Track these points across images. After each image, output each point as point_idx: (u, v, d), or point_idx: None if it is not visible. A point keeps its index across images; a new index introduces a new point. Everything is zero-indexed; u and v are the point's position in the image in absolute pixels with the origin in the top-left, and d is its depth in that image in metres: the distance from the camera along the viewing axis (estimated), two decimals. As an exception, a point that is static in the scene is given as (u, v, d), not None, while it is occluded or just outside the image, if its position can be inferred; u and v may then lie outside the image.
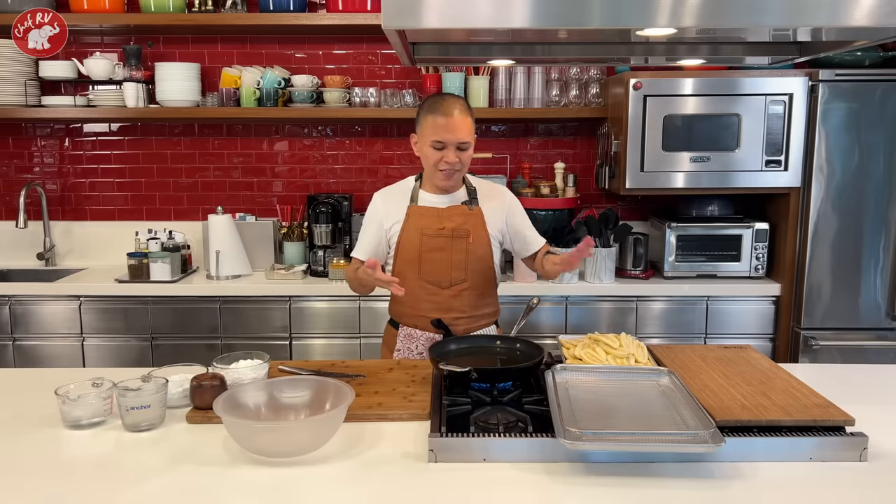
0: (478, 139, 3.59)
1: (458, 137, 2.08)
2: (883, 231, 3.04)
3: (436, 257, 2.18)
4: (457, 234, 2.17)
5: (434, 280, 2.19)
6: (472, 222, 2.19)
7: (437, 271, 2.19)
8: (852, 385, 1.93)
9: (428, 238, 2.17)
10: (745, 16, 1.37)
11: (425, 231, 2.17)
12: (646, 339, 2.48)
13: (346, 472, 1.43)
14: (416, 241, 2.18)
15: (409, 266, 2.20)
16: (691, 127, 3.06)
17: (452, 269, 2.19)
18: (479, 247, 2.20)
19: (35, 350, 3.17)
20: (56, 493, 1.36)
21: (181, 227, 3.53)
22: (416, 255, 2.18)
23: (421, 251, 2.18)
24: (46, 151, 3.64)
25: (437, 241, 2.17)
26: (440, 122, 2.07)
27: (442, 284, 2.19)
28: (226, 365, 1.81)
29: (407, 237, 2.18)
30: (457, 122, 2.07)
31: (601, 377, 1.74)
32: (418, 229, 2.17)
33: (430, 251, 2.18)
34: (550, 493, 1.35)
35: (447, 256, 2.18)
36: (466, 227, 2.18)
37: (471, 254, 2.19)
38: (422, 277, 2.19)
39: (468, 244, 2.18)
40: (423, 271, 2.19)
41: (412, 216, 2.19)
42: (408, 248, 2.19)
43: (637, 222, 3.59)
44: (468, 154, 2.13)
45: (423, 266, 2.19)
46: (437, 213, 2.18)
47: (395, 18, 1.38)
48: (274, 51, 3.56)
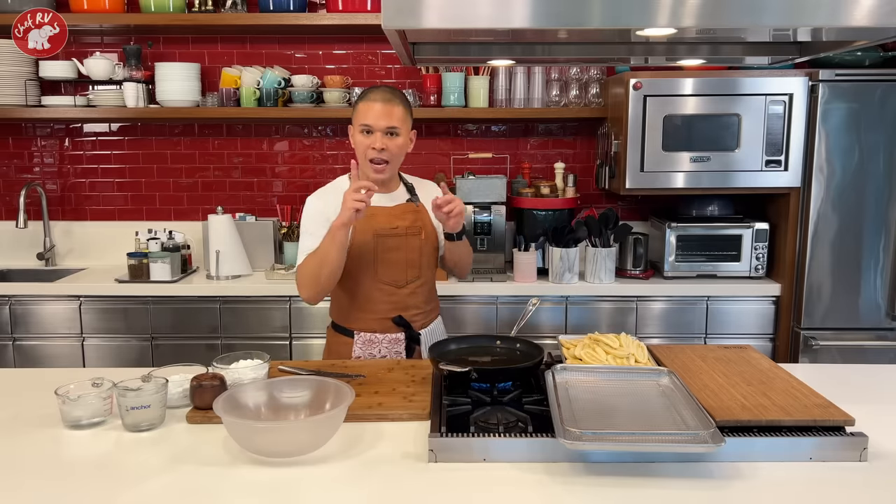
0: (478, 139, 3.64)
1: (385, 123, 2.04)
2: (883, 231, 3.04)
3: (392, 257, 2.13)
4: (410, 231, 2.15)
5: (391, 280, 2.15)
6: (422, 219, 2.18)
7: (393, 271, 2.15)
8: (852, 385, 1.93)
9: (382, 238, 2.12)
10: (745, 16, 1.37)
11: (379, 231, 2.12)
12: (646, 339, 2.48)
13: (346, 472, 1.43)
14: (371, 243, 2.11)
15: (363, 269, 2.13)
16: (691, 127, 3.06)
17: (409, 267, 2.16)
18: (430, 242, 2.19)
19: (35, 350, 3.17)
20: (56, 493, 1.36)
21: (181, 227, 3.53)
22: (371, 257, 2.12)
23: (376, 252, 2.12)
24: (46, 151, 3.64)
25: (393, 241, 2.13)
26: (368, 106, 2.05)
27: (398, 284, 2.16)
28: (226, 365, 1.81)
29: (360, 239, 2.11)
30: (385, 107, 2.04)
31: (601, 377, 1.74)
32: (371, 230, 2.11)
33: (385, 251, 2.13)
34: (550, 493, 1.35)
35: (403, 255, 2.14)
36: (418, 224, 2.17)
37: (424, 250, 2.18)
38: (378, 279, 2.14)
39: (421, 241, 2.17)
40: (380, 273, 2.14)
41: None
42: (362, 251, 2.12)
43: (637, 222, 3.59)
44: (398, 143, 2.08)
45: (380, 267, 2.13)
46: (388, 213, 2.14)
47: (395, 18, 1.38)
48: (274, 51, 3.56)
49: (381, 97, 2.06)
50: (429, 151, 3.64)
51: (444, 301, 3.12)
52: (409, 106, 2.13)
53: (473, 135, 3.65)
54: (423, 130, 3.62)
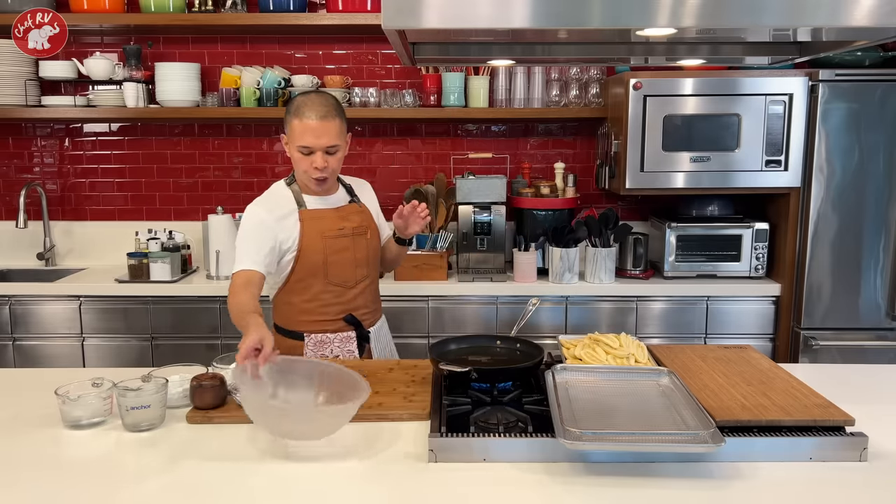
0: (478, 139, 3.64)
1: (325, 142, 2.02)
2: (883, 231, 3.04)
3: (341, 258, 2.14)
4: (357, 231, 2.18)
5: (340, 281, 2.15)
6: (366, 218, 2.22)
7: (342, 272, 2.15)
8: (852, 385, 1.93)
9: (330, 240, 2.12)
10: (745, 16, 1.37)
11: (326, 234, 2.12)
12: (646, 339, 2.48)
13: (346, 471, 1.43)
14: (319, 246, 2.11)
15: (313, 272, 2.12)
16: (691, 127, 3.06)
17: (357, 267, 2.18)
18: (375, 240, 2.24)
19: (35, 350, 3.17)
20: (56, 493, 1.36)
21: (181, 227, 3.53)
22: (320, 260, 2.11)
23: (326, 254, 2.11)
24: (46, 151, 3.64)
25: (341, 242, 2.14)
26: (305, 125, 2.00)
27: (348, 284, 2.17)
28: (226, 365, 1.81)
29: (308, 243, 2.10)
30: (322, 125, 2.00)
31: (601, 377, 1.74)
32: (319, 233, 2.11)
33: (334, 253, 2.13)
34: (550, 493, 1.35)
35: (351, 255, 2.16)
36: (364, 224, 2.20)
37: (370, 249, 2.21)
38: (328, 281, 2.14)
39: (367, 241, 2.20)
40: (330, 274, 2.13)
41: (307, 221, 2.11)
42: (311, 254, 2.10)
43: (637, 222, 3.59)
44: (338, 157, 2.08)
45: (330, 269, 2.13)
46: (334, 215, 2.15)
47: (395, 18, 1.38)
48: (274, 51, 3.56)
49: (317, 114, 2.00)
50: (429, 151, 3.64)
51: (445, 301, 3.14)
52: (342, 113, 2.08)
53: (473, 135, 3.65)
54: (423, 130, 3.63)
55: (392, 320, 2.89)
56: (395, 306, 3.10)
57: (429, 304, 3.15)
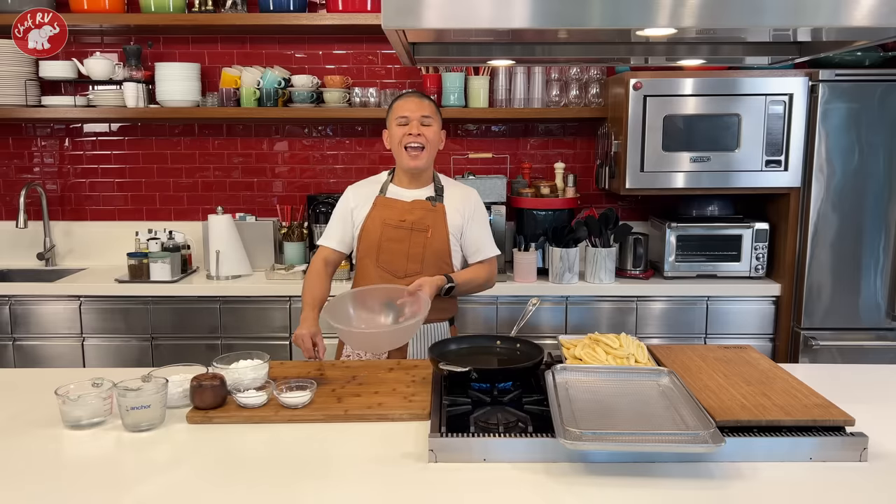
0: (478, 139, 3.63)
1: (420, 111, 2.22)
2: (883, 231, 3.04)
3: (394, 248, 2.26)
4: (416, 227, 2.25)
5: (389, 268, 2.27)
6: (433, 218, 2.26)
7: (393, 261, 2.26)
8: (852, 385, 1.93)
9: (389, 228, 2.26)
10: (745, 16, 1.37)
11: (387, 221, 2.27)
12: (646, 339, 2.48)
13: (346, 471, 1.43)
14: (378, 231, 2.27)
15: (367, 253, 2.29)
16: (691, 127, 3.06)
17: (409, 260, 2.25)
18: (438, 242, 2.26)
19: (35, 350, 3.17)
20: (56, 494, 1.36)
21: (181, 227, 3.53)
22: (375, 244, 2.27)
23: (381, 240, 2.26)
24: (46, 151, 3.64)
25: (397, 233, 2.26)
26: (403, 103, 2.26)
27: (397, 273, 2.26)
28: (226, 365, 1.81)
29: (370, 225, 2.28)
30: (419, 101, 2.25)
31: (601, 377, 1.74)
32: (381, 219, 2.27)
33: (388, 241, 2.26)
34: (550, 493, 1.35)
35: (404, 248, 2.25)
36: (426, 222, 2.26)
37: (428, 248, 2.25)
38: (379, 265, 2.27)
39: (426, 238, 2.25)
40: (381, 260, 2.27)
41: (378, 206, 2.30)
42: (369, 237, 2.28)
43: (637, 222, 3.59)
44: (433, 131, 2.24)
45: (381, 255, 2.27)
46: (401, 206, 2.28)
47: (395, 18, 1.38)
48: (274, 51, 3.56)
49: (415, 94, 2.29)
50: (429, 151, 3.64)
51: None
52: (438, 108, 2.31)
53: (473, 135, 3.65)
54: (423, 130, 3.62)
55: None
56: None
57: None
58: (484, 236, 2.35)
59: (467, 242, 2.33)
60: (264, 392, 1.72)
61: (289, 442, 1.57)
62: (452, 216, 2.28)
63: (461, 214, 2.30)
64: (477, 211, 2.34)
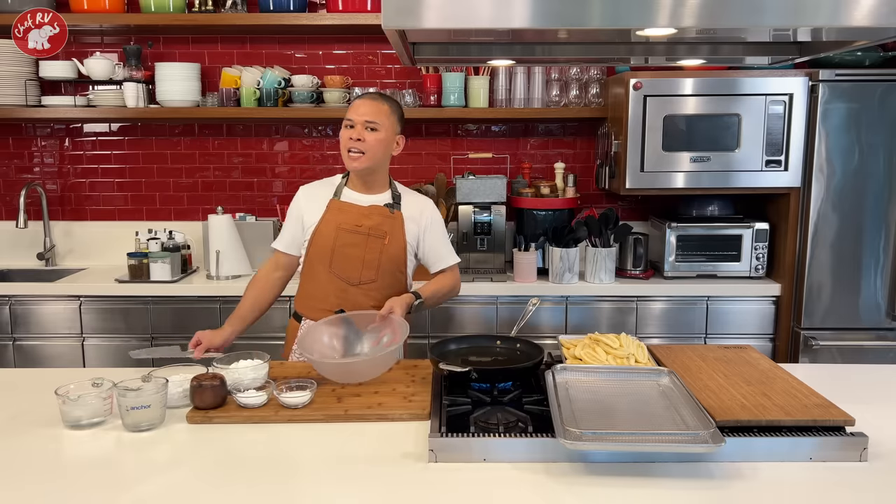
0: (478, 139, 3.63)
1: (365, 114, 2.15)
2: (883, 231, 3.04)
3: (348, 253, 2.19)
4: (373, 233, 2.19)
5: (343, 276, 2.20)
6: (391, 225, 2.21)
7: (346, 268, 2.20)
8: (852, 385, 1.93)
9: (344, 233, 2.19)
10: (745, 16, 1.37)
11: (342, 226, 2.19)
12: (646, 339, 2.48)
13: (347, 472, 1.43)
14: (332, 235, 2.20)
15: (319, 259, 2.22)
16: (691, 127, 3.06)
17: (364, 267, 2.20)
18: (394, 249, 2.21)
19: (35, 350, 3.17)
20: (56, 494, 1.36)
21: (181, 227, 3.53)
22: (328, 249, 2.20)
23: (335, 245, 2.19)
24: (46, 151, 3.64)
25: (353, 238, 2.19)
26: (355, 104, 2.19)
27: (351, 281, 2.20)
28: (226, 365, 1.81)
29: (323, 230, 2.21)
30: (370, 104, 2.17)
31: (601, 377, 1.74)
32: (335, 224, 2.20)
33: (343, 246, 2.19)
34: (550, 493, 1.35)
35: (360, 254, 2.19)
36: (384, 229, 2.20)
37: (384, 254, 2.20)
38: (332, 272, 2.20)
39: (383, 245, 2.20)
40: (334, 266, 2.20)
41: (332, 210, 2.23)
42: (322, 242, 2.21)
43: (637, 222, 3.59)
44: (376, 137, 2.16)
45: (335, 261, 2.20)
46: (357, 211, 2.21)
47: (395, 18, 1.38)
48: (274, 51, 3.56)
49: (370, 96, 2.21)
50: (429, 151, 3.64)
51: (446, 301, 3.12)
52: (398, 110, 2.23)
53: (473, 135, 3.65)
54: (424, 130, 3.63)
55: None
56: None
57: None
58: (443, 245, 2.31)
59: (427, 253, 2.29)
60: (264, 392, 1.72)
61: (289, 442, 1.57)
62: (409, 225, 2.24)
63: (417, 224, 2.26)
64: (434, 221, 2.29)
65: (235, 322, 2.22)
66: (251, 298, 2.27)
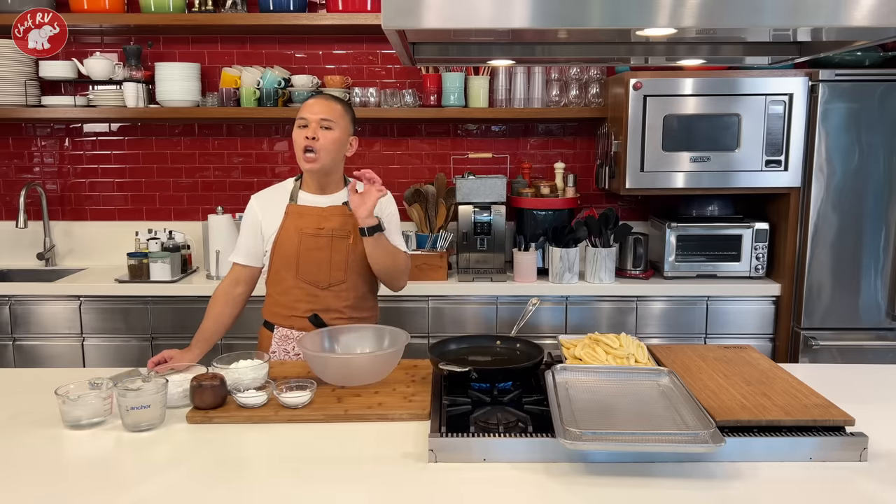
0: (478, 139, 3.63)
1: (319, 113, 2.11)
2: (883, 231, 3.04)
3: (314, 257, 2.15)
4: (337, 234, 2.16)
5: (312, 280, 2.16)
6: (353, 223, 2.14)
7: (315, 272, 2.16)
8: (852, 385, 1.93)
9: (307, 238, 2.15)
10: (745, 16, 1.37)
11: (304, 231, 2.15)
12: (646, 339, 2.48)
13: (347, 471, 1.43)
14: (295, 241, 2.15)
15: (286, 266, 2.17)
16: (691, 127, 3.06)
17: (332, 269, 2.16)
18: (361, 247, 2.15)
19: (35, 350, 3.17)
20: (56, 494, 1.36)
21: (181, 227, 3.53)
22: (294, 255, 2.15)
23: (300, 251, 2.15)
24: (46, 151, 3.64)
25: (317, 241, 2.15)
26: (307, 104, 2.15)
27: (320, 285, 2.17)
28: (226, 365, 1.81)
29: (285, 236, 2.16)
30: (323, 103, 2.14)
31: (601, 377, 1.74)
32: (297, 229, 2.16)
33: (308, 251, 2.15)
34: (550, 493, 1.35)
35: (326, 256, 2.15)
36: (347, 228, 2.16)
37: (351, 254, 2.17)
38: (299, 278, 2.16)
39: (349, 245, 2.16)
40: (301, 272, 2.16)
41: (291, 215, 2.18)
42: (285, 248, 2.16)
43: (637, 222, 3.59)
44: (331, 137, 2.11)
45: (301, 266, 2.16)
46: (318, 213, 2.17)
47: (395, 18, 1.38)
48: (274, 51, 3.56)
49: (322, 97, 2.18)
50: (429, 151, 3.64)
51: (445, 301, 3.13)
52: (350, 111, 2.20)
53: (473, 135, 3.65)
54: (424, 130, 3.63)
55: (392, 320, 2.89)
56: (395, 306, 3.10)
57: (429, 304, 3.15)
58: (396, 239, 2.24)
59: None
60: (264, 392, 1.72)
61: (289, 442, 1.57)
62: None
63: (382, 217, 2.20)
64: (391, 214, 2.25)
65: (201, 344, 2.18)
66: (213, 318, 2.21)
